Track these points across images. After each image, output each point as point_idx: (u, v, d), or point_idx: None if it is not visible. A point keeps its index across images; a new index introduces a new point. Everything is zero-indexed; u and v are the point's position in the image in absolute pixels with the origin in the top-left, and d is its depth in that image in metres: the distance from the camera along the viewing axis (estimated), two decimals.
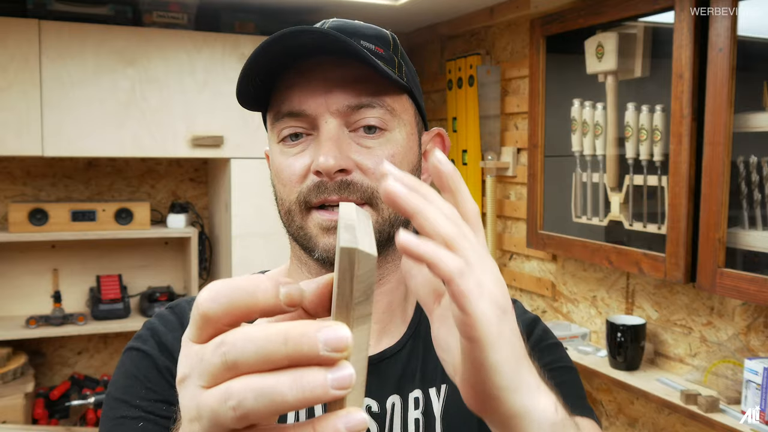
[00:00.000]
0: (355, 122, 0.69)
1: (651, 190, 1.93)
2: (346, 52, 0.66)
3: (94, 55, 2.47)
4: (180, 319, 0.76)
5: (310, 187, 0.69)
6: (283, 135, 0.71)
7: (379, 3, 2.53)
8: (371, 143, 0.69)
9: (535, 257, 2.55)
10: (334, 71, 0.69)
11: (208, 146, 2.62)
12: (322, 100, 0.68)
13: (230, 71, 2.64)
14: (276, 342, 0.32)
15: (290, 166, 0.70)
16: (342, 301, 0.34)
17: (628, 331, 1.96)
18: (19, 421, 2.45)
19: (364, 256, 0.33)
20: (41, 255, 2.82)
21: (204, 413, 0.33)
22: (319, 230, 0.70)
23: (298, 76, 0.69)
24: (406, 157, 0.72)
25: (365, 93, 0.69)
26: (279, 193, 0.74)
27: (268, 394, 0.31)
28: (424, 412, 0.73)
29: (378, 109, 0.69)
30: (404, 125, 0.72)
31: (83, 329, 2.63)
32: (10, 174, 2.79)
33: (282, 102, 0.70)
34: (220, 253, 2.89)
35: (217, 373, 0.33)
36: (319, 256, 0.70)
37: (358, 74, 0.68)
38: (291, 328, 0.32)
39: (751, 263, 1.64)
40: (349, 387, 0.32)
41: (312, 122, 0.69)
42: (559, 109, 2.27)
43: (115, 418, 0.69)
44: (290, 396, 0.31)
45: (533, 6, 2.32)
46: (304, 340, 0.32)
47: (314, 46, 0.67)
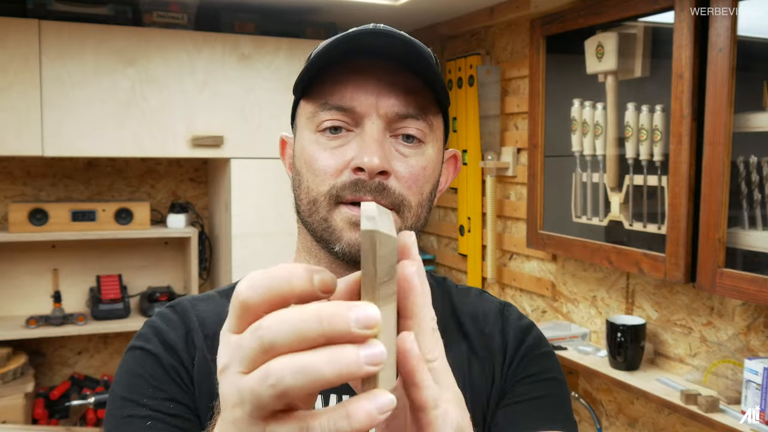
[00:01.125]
0: (396, 129, 0.71)
1: (651, 190, 1.93)
2: (418, 62, 0.69)
3: (94, 55, 2.47)
4: (182, 318, 0.76)
5: (345, 183, 0.69)
6: (324, 126, 0.71)
7: (379, 3, 2.53)
8: (408, 152, 0.71)
9: (535, 257, 2.55)
10: (387, 76, 0.70)
11: (208, 146, 2.62)
12: (373, 101, 0.70)
13: (230, 71, 2.64)
14: (310, 321, 0.33)
15: (327, 159, 0.71)
16: (367, 283, 0.36)
17: (628, 331, 1.96)
18: (19, 421, 2.45)
19: (384, 237, 0.36)
20: (41, 255, 2.82)
21: (245, 396, 0.35)
22: (347, 224, 0.70)
23: (352, 72, 0.70)
24: (434, 173, 0.75)
25: (414, 104, 0.71)
26: (306, 181, 0.73)
27: (306, 371, 0.33)
28: None
29: (421, 122, 0.71)
30: (437, 141, 0.75)
31: (83, 329, 2.63)
32: (10, 174, 2.79)
33: (331, 94, 0.71)
34: (220, 253, 2.89)
35: (256, 356, 0.34)
36: (340, 249, 0.70)
37: (410, 85, 0.71)
38: (323, 307, 0.34)
39: (751, 263, 1.64)
40: (380, 363, 0.33)
41: (357, 119, 0.70)
42: (559, 109, 2.27)
43: (122, 417, 0.69)
44: (327, 372, 0.33)
45: (533, 6, 2.33)
46: (336, 318, 0.33)
47: (385, 48, 0.69)
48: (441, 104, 0.75)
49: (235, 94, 2.65)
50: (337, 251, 0.71)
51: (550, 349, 0.82)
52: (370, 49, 0.69)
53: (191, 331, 0.75)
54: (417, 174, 0.71)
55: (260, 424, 0.35)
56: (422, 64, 0.69)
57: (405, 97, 0.70)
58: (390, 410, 0.34)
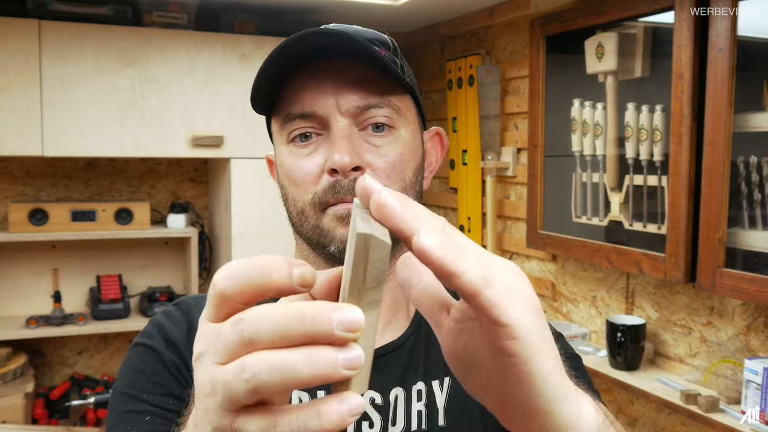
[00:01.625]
0: (364, 121, 0.71)
1: (651, 190, 1.93)
2: (362, 54, 0.68)
3: (94, 55, 2.47)
4: (186, 315, 0.77)
5: (325, 188, 0.70)
6: (293, 136, 0.72)
7: (379, 3, 2.53)
8: (380, 141, 0.72)
9: (535, 257, 2.55)
10: (343, 73, 0.71)
11: (208, 146, 2.62)
12: (332, 101, 0.70)
13: (230, 71, 2.64)
14: (292, 319, 0.33)
15: (303, 167, 0.71)
16: (354, 286, 0.35)
17: (628, 331, 1.96)
18: (19, 421, 2.45)
19: (379, 242, 0.35)
20: (41, 255, 2.82)
21: (218, 387, 0.34)
22: (336, 222, 0.71)
23: (308, 78, 0.71)
24: (413, 155, 0.74)
25: (373, 93, 0.71)
26: (290, 194, 0.74)
27: (282, 368, 0.32)
28: (427, 404, 0.74)
29: (385, 109, 0.72)
30: (409, 124, 0.75)
31: (83, 329, 2.63)
32: (10, 174, 2.79)
33: (293, 103, 0.71)
34: (220, 253, 2.89)
35: (234, 348, 0.34)
36: (335, 249, 0.71)
37: (366, 75, 0.71)
38: (307, 306, 0.33)
39: (751, 263, 1.64)
40: (357, 368, 0.33)
41: (323, 122, 0.71)
42: (559, 109, 2.27)
43: (122, 413, 0.70)
44: (304, 371, 0.32)
45: (533, 6, 2.33)
46: (319, 318, 0.33)
47: (332, 47, 0.69)
48: (405, 87, 0.74)
49: (235, 94, 2.65)
50: (332, 251, 0.71)
51: (559, 332, 0.82)
52: (322, 49, 0.69)
53: (194, 329, 0.75)
54: (394, 161, 0.71)
55: (230, 415, 0.35)
56: (372, 54, 0.68)
57: (363, 88, 0.70)
58: (359, 413, 0.34)
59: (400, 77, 0.71)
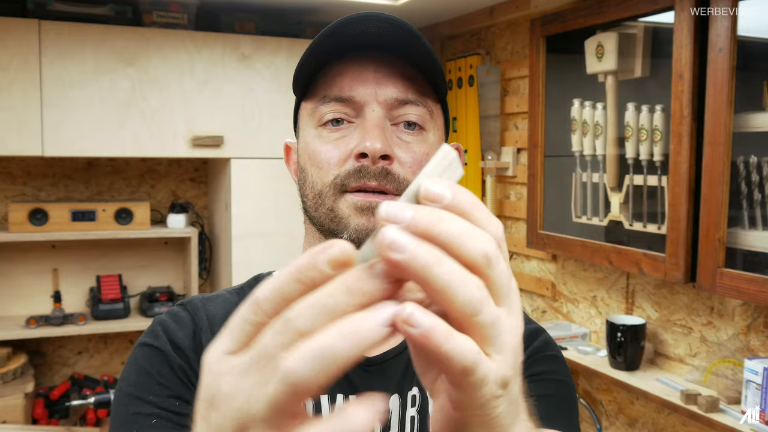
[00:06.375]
0: (397, 116, 0.71)
1: (651, 190, 1.93)
2: (416, 49, 0.69)
3: (94, 55, 2.47)
4: (192, 316, 0.76)
5: (349, 171, 0.69)
6: (325, 119, 0.72)
7: (379, 3, 2.53)
8: (410, 139, 0.72)
9: (535, 257, 2.55)
10: (385, 66, 0.71)
11: (208, 146, 2.62)
12: (372, 89, 0.70)
13: (230, 71, 2.64)
14: (338, 296, 0.32)
15: (329, 151, 0.71)
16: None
17: (628, 331, 1.96)
18: (19, 421, 2.45)
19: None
20: (41, 255, 2.82)
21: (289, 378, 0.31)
22: (353, 210, 0.70)
23: (350, 63, 0.71)
24: None
25: (412, 91, 0.71)
26: (310, 176, 0.73)
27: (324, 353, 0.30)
28: (420, 410, 0.74)
29: (421, 108, 0.72)
30: (437, 129, 0.75)
31: (83, 329, 2.63)
32: (10, 174, 2.79)
33: (330, 87, 0.71)
34: (220, 253, 2.89)
35: (289, 343, 0.31)
36: (348, 237, 0.69)
37: (407, 73, 0.71)
38: (340, 283, 0.32)
39: (751, 263, 1.64)
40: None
41: (358, 109, 0.71)
42: (559, 109, 2.27)
43: (128, 415, 0.69)
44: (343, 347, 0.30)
45: (533, 6, 2.33)
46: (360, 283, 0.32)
47: (384, 34, 0.68)
48: (439, 95, 0.75)
49: (235, 94, 2.65)
50: (345, 239, 0.70)
51: (559, 353, 0.81)
52: (365, 37, 0.69)
53: (200, 330, 0.75)
54: (420, 159, 0.71)
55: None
56: (420, 51, 0.69)
57: (403, 83, 0.71)
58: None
59: (441, 83, 0.72)
